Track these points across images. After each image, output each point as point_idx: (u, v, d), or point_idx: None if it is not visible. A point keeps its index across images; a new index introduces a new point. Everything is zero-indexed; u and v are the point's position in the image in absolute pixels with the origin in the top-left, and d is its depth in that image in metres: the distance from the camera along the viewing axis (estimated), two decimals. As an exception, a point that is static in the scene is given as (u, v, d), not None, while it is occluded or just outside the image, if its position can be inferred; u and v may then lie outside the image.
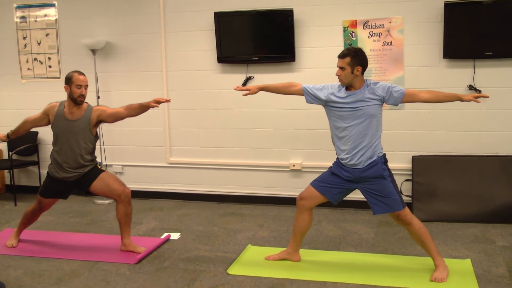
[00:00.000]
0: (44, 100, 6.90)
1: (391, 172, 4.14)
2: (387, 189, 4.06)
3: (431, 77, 5.69)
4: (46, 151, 7.02)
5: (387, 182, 4.06)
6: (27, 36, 6.90)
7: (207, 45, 6.27)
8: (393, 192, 4.06)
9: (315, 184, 4.30)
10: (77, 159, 4.69)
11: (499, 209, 5.42)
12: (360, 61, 4.03)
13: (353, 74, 4.03)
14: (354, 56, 4.02)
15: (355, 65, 4.00)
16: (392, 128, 5.84)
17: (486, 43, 5.42)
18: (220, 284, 4.10)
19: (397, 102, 4.06)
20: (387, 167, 4.11)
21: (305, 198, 4.33)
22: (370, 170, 4.06)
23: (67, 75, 4.68)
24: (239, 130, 6.36)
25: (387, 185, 4.06)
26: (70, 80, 4.64)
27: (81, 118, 4.69)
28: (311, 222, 4.43)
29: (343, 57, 4.05)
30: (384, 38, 5.73)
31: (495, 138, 5.62)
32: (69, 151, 4.68)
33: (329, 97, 4.17)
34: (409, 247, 4.78)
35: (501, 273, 4.16)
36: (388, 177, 4.07)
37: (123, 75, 6.64)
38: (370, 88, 4.06)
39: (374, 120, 4.06)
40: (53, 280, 4.26)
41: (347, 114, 4.08)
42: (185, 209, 6.27)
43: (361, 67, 4.03)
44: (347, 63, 4.01)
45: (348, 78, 4.05)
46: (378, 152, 4.10)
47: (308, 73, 6.02)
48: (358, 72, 4.02)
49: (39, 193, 4.86)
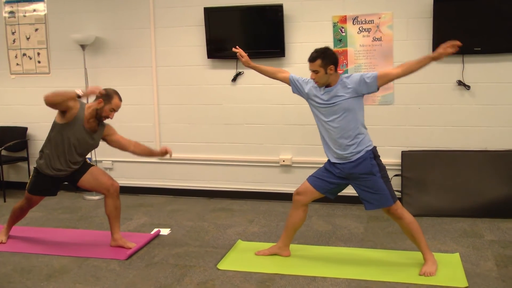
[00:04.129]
0: (33, 96, 6.91)
1: (382, 166, 4.13)
2: (377, 185, 4.07)
3: (420, 72, 5.63)
4: (36, 147, 7.00)
5: (377, 178, 4.07)
6: (16, 31, 6.86)
7: (197, 40, 6.26)
8: (382, 188, 4.07)
9: (311, 180, 4.32)
10: (76, 161, 4.67)
11: (487, 204, 5.45)
12: (331, 60, 4.05)
13: (327, 74, 4.06)
14: (324, 57, 4.04)
15: (327, 65, 4.03)
16: (381, 123, 5.86)
17: (475, 39, 5.44)
18: (210, 279, 4.11)
19: (374, 88, 4.04)
20: (377, 162, 4.11)
21: (301, 193, 4.34)
22: (359, 166, 4.07)
23: (109, 92, 4.53)
24: (229, 125, 6.36)
25: (377, 181, 4.07)
26: (109, 99, 4.52)
27: (97, 132, 4.65)
28: (305, 218, 4.46)
29: (313, 61, 4.07)
30: (373, 33, 5.75)
31: (484, 133, 5.66)
32: (72, 155, 4.62)
33: (311, 91, 4.22)
34: (398, 241, 4.81)
35: (489, 267, 4.19)
36: (377, 172, 4.07)
37: (112, 70, 6.62)
38: (342, 82, 4.08)
39: (351, 114, 4.05)
40: (43, 276, 4.25)
41: (325, 110, 4.13)
42: (175, 205, 6.27)
43: (333, 65, 4.05)
44: (319, 65, 4.04)
45: (323, 79, 4.08)
46: (366, 146, 4.10)
47: (297, 69, 6.00)
48: (332, 70, 4.05)
49: (27, 190, 4.78)
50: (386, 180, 4.12)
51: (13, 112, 7.06)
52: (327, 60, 4.03)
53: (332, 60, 4.05)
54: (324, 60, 4.03)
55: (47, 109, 6.85)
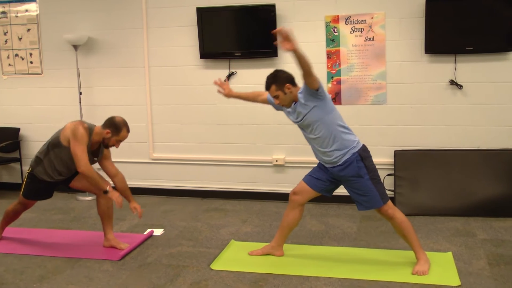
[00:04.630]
0: (26, 96, 6.90)
1: (371, 168, 4.10)
2: (365, 187, 4.08)
3: (413, 72, 5.73)
4: (28, 148, 6.98)
5: (365, 180, 4.06)
6: (8, 31, 6.84)
7: (190, 40, 6.25)
8: (371, 189, 4.07)
9: (307, 179, 4.33)
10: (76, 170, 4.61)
11: (480, 203, 5.47)
12: (284, 80, 4.06)
13: (287, 94, 4.07)
14: (275, 81, 4.06)
15: (282, 86, 4.04)
16: (374, 123, 5.88)
17: (467, 39, 5.46)
18: (203, 279, 4.11)
19: (310, 87, 3.95)
20: (365, 164, 4.07)
21: (298, 193, 4.35)
22: (346, 169, 4.08)
23: (117, 123, 4.50)
24: (222, 125, 6.36)
25: (365, 183, 4.07)
26: (117, 132, 4.50)
27: (99, 152, 4.67)
28: (300, 218, 4.47)
29: (268, 88, 4.10)
30: (366, 33, 5.76)
31: (476, 133, 5.68)
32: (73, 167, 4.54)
33: (285, 110, 4.26)
34: (391, 240, 4.82)
35: (481, 265, 4.21)
36: (365, 174, 4.06)
37: (105, 70, 6.60)
38: (299, 98, 4.09)
39: (322, 123, 4.04)
40: (36, 277, 4.24)
41: (300, 126, 4.19)
42: (168, 205, 6.26)
43: (289, 83, 4.06)
44: (275, 90, 4.06)
45: (286, 100, 4.10)
46: (351, 147, 4.07)
47: (290, 69, 5.94)
48: (289, 89, 4.05)
49: (22, 195, 4.75)
50: (375, 181, 4.10)
51: (5, 113, 7.04)
52: (280, 82, 4.05)
53: (285, 80, 4.06)
54: (277, 84, 4.05)
55: (40, 110, 6.89)
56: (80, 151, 4.35)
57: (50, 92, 6.82)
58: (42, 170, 4.62)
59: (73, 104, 6.69)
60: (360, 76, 5.83)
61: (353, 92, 5.88)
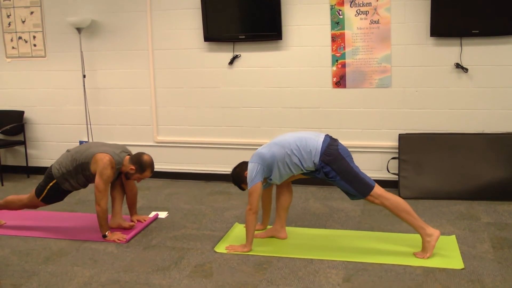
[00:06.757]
0: (30, 79, 6.89)
1: (341, 167, 4.09)
2: (341, 186, 4.15)
3: (418, 55, 5.70)
4: (32, 130, 6.99)
5: (338, 180, 4.12)
6: (11, 14, 6.82)
7: (194, 23, 6.22)
8: (347, 187, 4.12)
9: None
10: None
11: (484, 186, 5.47)
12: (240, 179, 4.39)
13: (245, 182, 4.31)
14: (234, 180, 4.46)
15: (242, 183, 4.39)
16: (378, 106, 5.86)
17: (473, 21, 5.42)
18: (207, 262, 4.12)
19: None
20: (332, 167, 4.09)
21: None
22: (319, 175, 4.20)
23: (144, 164, 4.58)
24: (226, 108, 6.35)
25: (339, 182, 4.13)
26: (142, 171, 4.59)
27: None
28: (291, 196, 4.54)
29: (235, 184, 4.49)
30: (371, 16, 5.72)
31: (481, 116, 5.65)
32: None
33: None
34: (395, 224, 4.82)
35: (485, 249, 4.21)
36: (335, 176, 4.10)
37: (109, 53, 6.58)
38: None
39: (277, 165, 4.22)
40: (41, 259, 4.26)
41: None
42: (172, 188, 6.28)
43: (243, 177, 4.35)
44: (239, 187, 4.44)
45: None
46: (312, 157, 4.13)
47: (294, 51, 6.01)
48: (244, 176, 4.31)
49: (40, 200, 4.76)
50: (349, 179, 4.10)
51: (9, 96, 7.04)
52: (239, 181, 4.42)
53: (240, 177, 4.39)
54: (236, 184, 4.46)
55: (44, 93, 6.88)
56: (102, 190, 4.47)
57: (54, 75, 6.81)
58: (69, 185, 4.71)
59: (77, 87, 6.68)
60: (365, 59, 5.80)
61: (357, 75, 5.85)
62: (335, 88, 5.95)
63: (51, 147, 6.98)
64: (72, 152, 4.67)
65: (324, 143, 4.14)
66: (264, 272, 3.92)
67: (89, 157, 4.54)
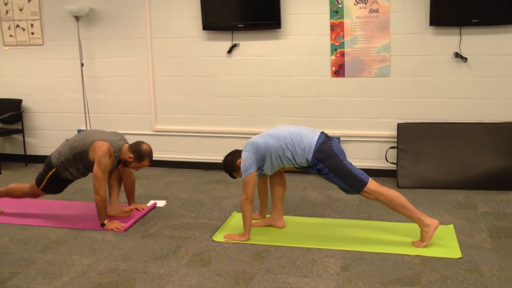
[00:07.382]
0: (27, 68, 6.86)
1: (334, 164, 4.09)
2: (334, 181, 4.16)
3: (417, 44, 5.68)
4: (30, 119, 6.98)
5: (331, 176, 4.12)
6: (8, 2, 6.77)
7: (192, 12, 6.19)
8: (339, 183, 4.14)
9: None
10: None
11: (482, 176, 5.47)
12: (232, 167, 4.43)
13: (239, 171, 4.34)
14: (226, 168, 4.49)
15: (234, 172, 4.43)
16: (377, 96, 5.85)
17: (472, 11, 5.40)
18: (205, 250, 4.13)
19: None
20: (325, 164, 4.09)
21: None
22: (312, 172, 4.21)
23: (142, 153, 4.59)
24: (224, 97, 6.34)
25: (332, 179, 4.14)
26: (140, 160, 4.60)
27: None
28: (284, 185, 4.56)
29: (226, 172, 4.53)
30: (370, 5, 5.69)
31: (480, 106, 5.65)
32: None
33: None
34: (393, 213, 4.81)
35: (483, 238, 4.22)
36: (328, 173, 4.11)
37: (107, 42, 6.56)
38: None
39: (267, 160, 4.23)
40: (39, 247, 4.27)
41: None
42: (170, 177, 6.28)
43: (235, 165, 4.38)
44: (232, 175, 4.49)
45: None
46: (306, 153, 4.13)
47: (293, 40, 5.98)
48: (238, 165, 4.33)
49: (41, 189, 4.77)
50: (342, 176, 4.10)
51: (7, 84, 7.02)
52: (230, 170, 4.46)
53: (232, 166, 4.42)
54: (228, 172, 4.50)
55: (42, 81, 6.86)
56: (101, 178, 4.47)
57: (52, 64, 6.79)
58: (69, 173, 4.70)
59: (75, 75, 6.66)
60: (364, 48, 5.78)
61: (356, 65, 5.84)
62: (334, 77, 5.94)
63: (49, 136, 6.97)
64: (71, 141, 4.66)
65: (318, 141, 4.14)
66: (262, 261, 3.92)
67: (88, 145, 4.53)
